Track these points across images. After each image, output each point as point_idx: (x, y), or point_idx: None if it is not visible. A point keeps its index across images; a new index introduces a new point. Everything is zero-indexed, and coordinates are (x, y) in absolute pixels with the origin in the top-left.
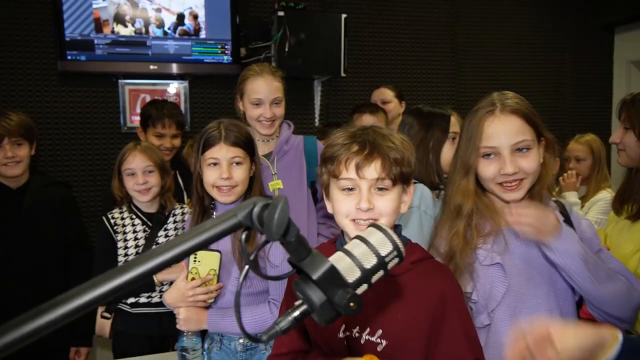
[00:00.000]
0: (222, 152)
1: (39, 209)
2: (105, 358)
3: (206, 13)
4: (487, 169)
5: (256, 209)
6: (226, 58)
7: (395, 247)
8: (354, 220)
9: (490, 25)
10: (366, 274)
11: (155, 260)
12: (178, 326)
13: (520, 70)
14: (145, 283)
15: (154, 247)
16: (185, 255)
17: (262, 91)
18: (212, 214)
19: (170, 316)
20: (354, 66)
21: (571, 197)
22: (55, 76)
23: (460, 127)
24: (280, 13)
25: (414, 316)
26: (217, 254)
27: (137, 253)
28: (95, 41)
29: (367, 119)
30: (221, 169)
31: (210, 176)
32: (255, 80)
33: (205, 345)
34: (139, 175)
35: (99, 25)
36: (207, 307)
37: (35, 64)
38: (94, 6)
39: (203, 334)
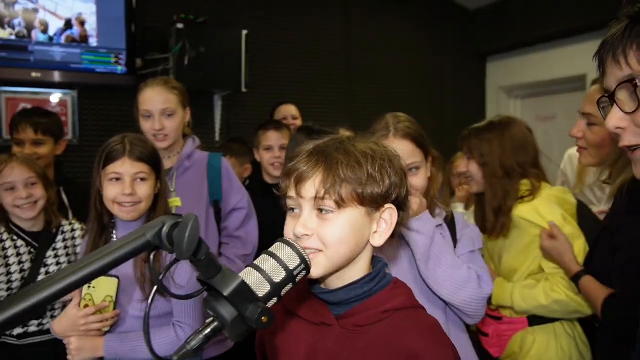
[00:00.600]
0: (125, 167)
1: None
2: None
3: (98, 20)
4: None
5: (165, 228)
6: (120, 68)
7: (303, 260)
8: None
9: (380, 48)
10: (276, 288)
11: (60, 284)
12: (69, 357)
13: (407, 91)
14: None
15: (42, 270)
16: (93, 277)
17: (151, 102)
18: (112, 233)
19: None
20: (255, 82)
21: (459, 208)
22: None
23: None
24: (180, 25)
25: None
26: (115, 279)
27: (22, 279)
28: None
29: (272, 136)
30: (124, 185)
31: (111, 192)
32: (145, 92)
33: None
34: (20, 188)
35: None
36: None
37: None
38: None
39: None
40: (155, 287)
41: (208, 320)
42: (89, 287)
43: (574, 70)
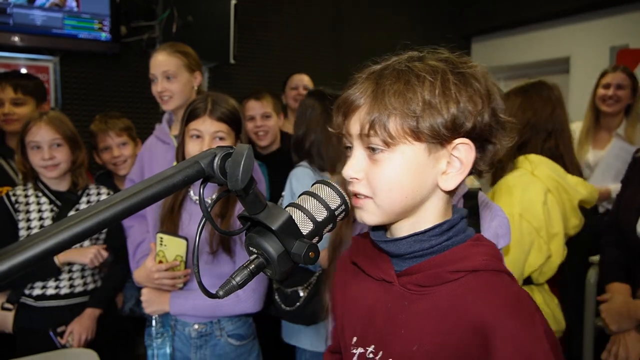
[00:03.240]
0: (205, 125)
1: None
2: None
3: None
4: None
5: (217, 158)
6: (104, 35)
7: (343, 200)
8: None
9: (369, 26)
10: (318, 226)
11: (117, 207)
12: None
13: None
14: (47, 268)
15: None
16: (148, 202)
17: (153, 66)
18: (189, 190)
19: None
20: (243, 54)
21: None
22: None
23: None
24: None
25: (435, 351)
26: (184, 241)
27: None
28: None
29: (253, 105)
30: (203, 143)
31: (192, 148)
32: (151, 57)
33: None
34: (45, 149)
35: None
36: None
37: None
38: None
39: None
40: (204, 219)
41: (252, 257)
42: (161, 244)
43: (559, 52)
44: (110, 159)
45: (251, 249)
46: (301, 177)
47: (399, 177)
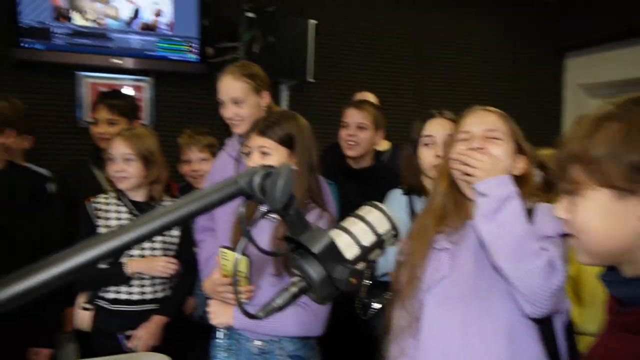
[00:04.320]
0: (252, 141)
1: (9, 196)
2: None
3: (175, 9)
4: None
5: (257, 177)
6: (192, 56)
7: (393, 226)
8: None
9: (452, 40)
10: (364, 251)
11: (154, 223)
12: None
13: (479, 87)
14: (117, 275)
15: None
16: (183, 221)
17: (221, 91)
18: None
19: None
20: (322, 72)
21: None
22: (10, 64)
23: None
24: (250, 14)
25: None
26: (246, 258)
27: None
28: (54, 30)
29: (351, 112)
30: (251, 159)
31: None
32: (218, 81)
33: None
34: (117, 162)
35: (57, 13)
36: None
37: None
38: None
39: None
40: (245, 238)
41: (294, 279)
42: (224, 258)
43: None
44: (190, 171)
45: (294, 270)
46: (390, 201)
47: (593, 220)
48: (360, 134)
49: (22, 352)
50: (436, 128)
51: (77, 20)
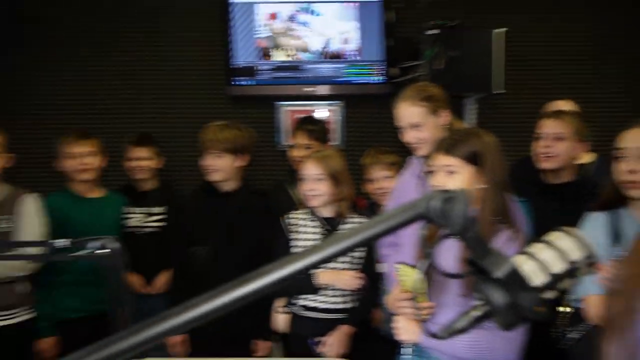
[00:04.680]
0: (436, 160)
1: (243, 213)
2: None
3: (361, 36)
4: None
5: (436, 201)
6: (377, 78)
7: (589, 254)
8: None
9: None
10: (553, 280)
11: (341, 244)
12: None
13: None
14: (308, 285)
15: None
16: (366, 242)
17: (398, 118)
18: None
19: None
20: (511, 83)
21: None
22: (224, 100)
23: None
24: (432, 32)
25: None
26: (420, 275)
27: None
28: (259, 67)
29: (547, 123)
30: (435, 178)
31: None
32: (395, 107)
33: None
34: (309, 181)
35: (262, 53)
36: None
37: (207, 89)
38: (257, 36)
39: None
40: (427, 261)
41: (477, 303)
42: (401, 274)
43: None
44: (374, 190)
45: (477, 294)
46: (587, 222)
47: None
48: (557, 145)
49: (246, 343)
50: (632, 139)
51: (277, 56)
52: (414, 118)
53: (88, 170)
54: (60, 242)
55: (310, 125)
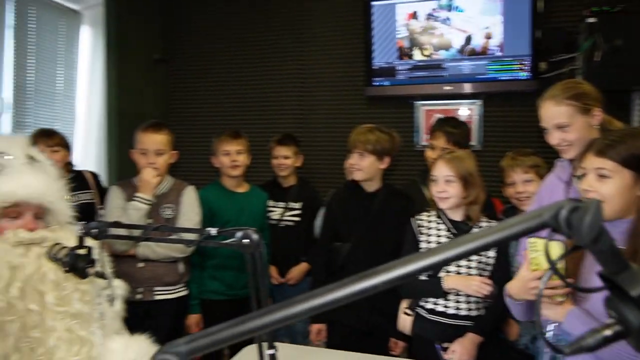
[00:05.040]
0: (587, 162)
1: (383, 212)
2: None
3: (504, 30)
4: None
5: (564, 211)
6: (523, 74)
7: None
8: None
9: None
10: None
11: (454, 250)
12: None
13: None
14: (435, 288)
15: None
16: (486, 248)
17: (543, 119)
18: None
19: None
20: None
21: None
22: (363, 100)
23: None
24: (591, 20)
25: None
26: (560, 243)
27: None
28: (398, 67)
29: None
30: (584, 182)
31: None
32: (539, 108)
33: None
34: (440, 183)
35: (401, 53)
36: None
37: (347, 90)
38: (398, 36)
39: None
40: (549, 273)
41: (609, 322)
42: (534, 250)
43: None
44: (514, 194)
45: (610, 311)
46: None
47: None
48: None
49: (383, 341)
50: None
51: (417, 56)
52: (560, 118)
53: (238, 166)
54: (212, 230)
55: (450, 128)
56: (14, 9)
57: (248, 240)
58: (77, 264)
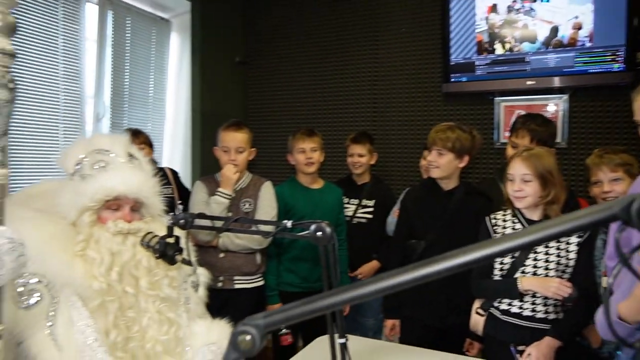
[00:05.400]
0: None
1: (460, 211)
2: None
3: (595, 20)
4: None
5: (636, 204)
6: (617, 66)
7: None
8: None
9: None
10: None
11: (524, 239)
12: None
13: None
14: (510, 289)
15: (530, 255)
16: (551, 238)
17: (637, 111)
18: None
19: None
20: None
21: None
22: (440, 97)
23: None
24: None
25: None
26: None
27: (512, 257)
28: (476, 63)
29: None
30: None
31: None
32: (634, 101)
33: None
34: (516, 181)
35: (480, 47)
36: None
37: (424, 87)
38: (478, 30)
39: None
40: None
41: None
42: None
43: None
44: (600, 193)
45: None
46: None
47: None
48: None
49: (461, 341)
50: None
51: (497, 50)
52: None
53: (312, 164)
54: (287, 223)
55: (535, 125)
56: (112, 20)
57: (321, 233)
58: (166, 251)
